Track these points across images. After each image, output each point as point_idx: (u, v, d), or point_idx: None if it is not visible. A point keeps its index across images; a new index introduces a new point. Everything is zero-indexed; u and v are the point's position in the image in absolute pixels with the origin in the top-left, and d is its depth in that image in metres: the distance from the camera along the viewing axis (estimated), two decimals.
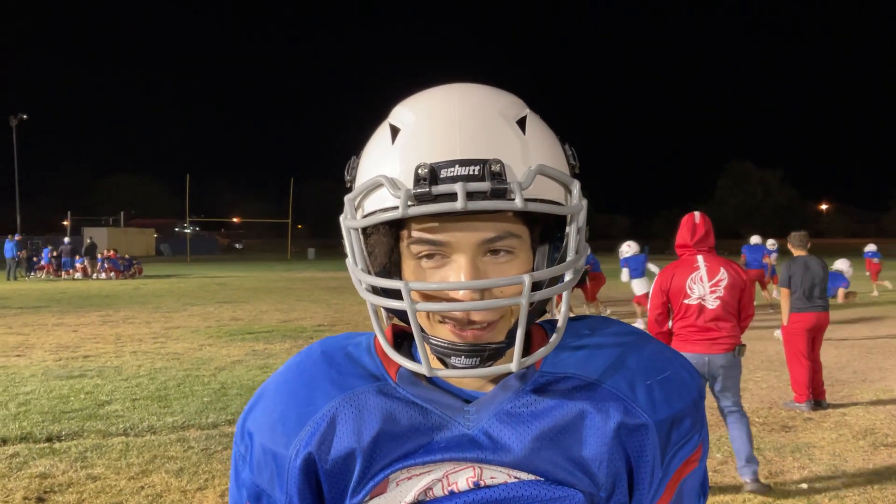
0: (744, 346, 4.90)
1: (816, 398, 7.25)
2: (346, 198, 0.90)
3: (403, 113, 0.90)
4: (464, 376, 0.88)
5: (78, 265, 31.10)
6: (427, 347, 0.90)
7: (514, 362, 0.86)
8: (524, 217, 0.89)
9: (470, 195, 0.81)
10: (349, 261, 0.93)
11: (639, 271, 14.59)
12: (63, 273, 30.72)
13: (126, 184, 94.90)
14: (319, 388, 0.98)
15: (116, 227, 61.27)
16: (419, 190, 0.81)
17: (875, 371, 9.23)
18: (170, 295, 21.06)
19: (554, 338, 0.90)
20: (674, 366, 1.01)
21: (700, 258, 4.93)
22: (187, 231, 63.68)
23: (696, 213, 5.10)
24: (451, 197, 0.81)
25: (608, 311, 16.04)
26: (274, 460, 0.96)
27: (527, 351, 0.97)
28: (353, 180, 0.94)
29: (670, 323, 5.02)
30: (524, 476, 0.92)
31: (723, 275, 4.84)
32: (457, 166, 0.82)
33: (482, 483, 0.92)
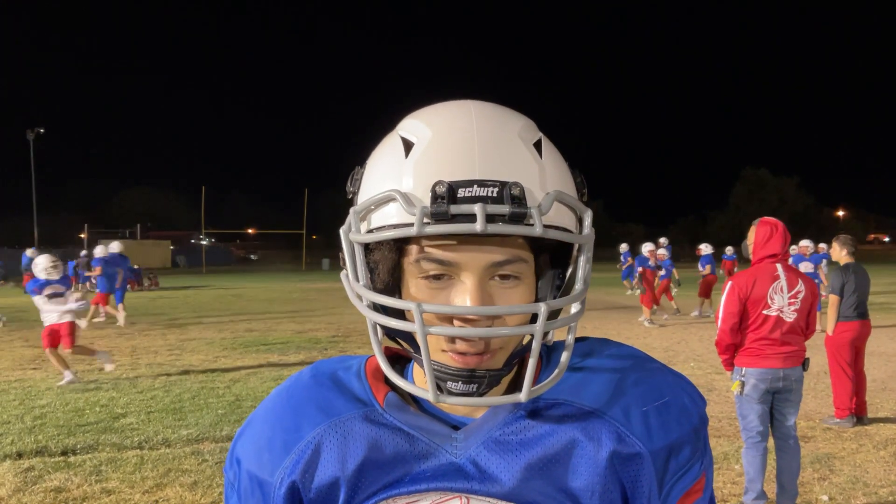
0: (808, 359, 4.77)
1: (858, 414, 7.00)
2: (352, 210, 0.86)
3: (418, 126, 0.87)
4: (469, 404, 0.84)
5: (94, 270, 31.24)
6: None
7: (523, 391, 0.82)
8: (532, 242, 0.87)
9: (489, 217, 0.78)
10: (347, 275, 0.90)
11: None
12: (81, 286, 30.86)
13: (142, 196, 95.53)
14: (306, 414, 0.95)
15: (133, 240, 61.61)
16: (436, 208, 0.78)
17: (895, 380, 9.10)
18: (185, 307, 21.13)
19: (561, 364, 0.87)
20: (674, 391, 0.97)
21: (780, 267, 4.71)
22: (203, 243, 63.98)
23: (777, 220, 4.83)
24: (469, 218, 0.78)
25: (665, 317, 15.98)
26: (260, 488, 0.95)
27: (520, 377, 0.94)
28: (356, 192, 0.90)
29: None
30: None
31: (801, 287, 4.64)
32: (475, 186, 0.79)
33: None
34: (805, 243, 14.47)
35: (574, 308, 0.87)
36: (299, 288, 31.09)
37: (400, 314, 0.86)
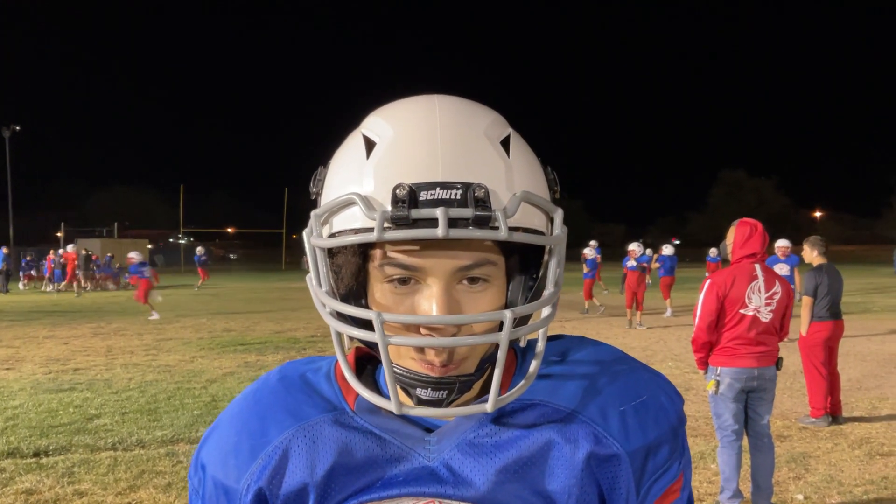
0: (782, 358, 4.81)
1: (834, 413, 7.06)
2: (313, 213, 0.83)
3: (380, 125, 0.83)
4: (435, 416, 0.82)
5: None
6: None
7: (489, 401, 0.80)
8: (502, 244, 0.84)
9: (452, 222, 0.74)
10: (312, 281, 0.86)
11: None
12: (58, 285, 30.52)
13: (120, 195, 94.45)
14: (273, 417, 0.92)
15: (110, 238, 61.02)
16: (397, 213, 0.75)
17: (870, 379, 9.20)
18: (162, 306, 20.93)
19: (530, 373, 0.84)
20: (651, 389, 0.95)
21: (758, 268, 4.75)
22: (181, 242, 63.48)
23: (756, 221, 4.86)
24: (431, 222, 0.75)
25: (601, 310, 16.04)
26: (225, 495, 0.91)
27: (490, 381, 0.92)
28: (319, 193, 0.87)
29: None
30: None
31: (777, 288, 4.69)
32: (438, 189, 0.76)
33: None
34: (783, 243, 14.45)
35: (545, 312, 0.84)
36: (278, 287, 30.99)
37: (367, 323, 0.83)
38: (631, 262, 16.17)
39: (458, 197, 0.76)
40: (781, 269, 12.74)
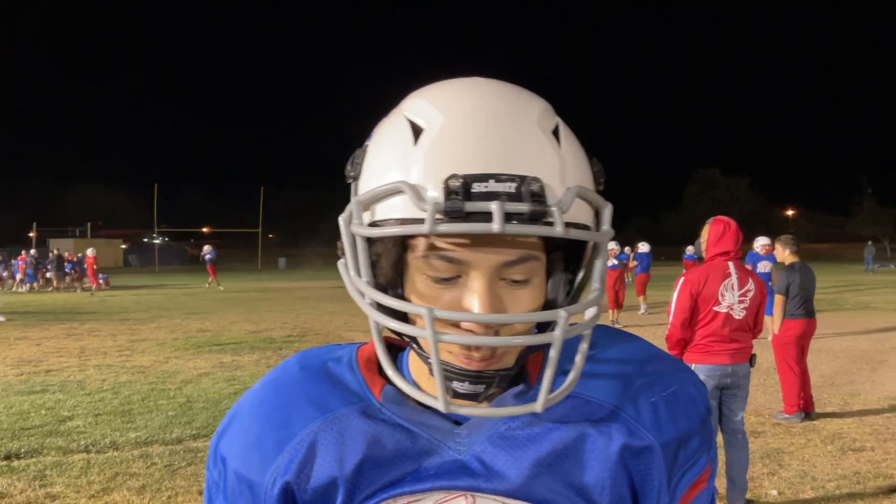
0: (755, 355, 4.85)
1: (806, 409, 7.13)
2: (355, 199, 0.78)
3: (427, 110, 0.79)
4: (482, 415, 0.79)
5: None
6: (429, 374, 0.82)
7: (539, 401, 0.77)
8: (545, 240, 0.81)
9: (506, 216, 0.71)
10: (347, 269, 0.83)
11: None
12: (27, 286, 30.14)
13: (93, 194, 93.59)
14: (297, 409, 0.89)
15: (83, 238, 60.41)
16: (450, 206, 0.71)
17: (842, 376, 9.31)
18: (137, 307, 20.77)
19: (575, 373, 0.81)
20: (680, 380, 0.93)
21: (732, 265, 4.78)
22: (156, 241, 63.00)
23: (730, 219, 4.89)
24: (485, 216, 0.71)
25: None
26: (249, 489, 0.88)
27: (523, 377, 0.91)
28: (357, 176, 0.83)
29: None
30: None
31: (751, 285, 4.73)
32: (492, 181, 0.72)
33: None
34: (764, 241, 14.40)
35: (590, 313, 0.81)
36: (254, 287, 30.81)
37: (403, 313, 0.81)
38: (612, 261, 16.26)
39: (513, 190, 0.72)
40: (765, 266, 12.86)
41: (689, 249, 22.41)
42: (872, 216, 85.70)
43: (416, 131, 0.78)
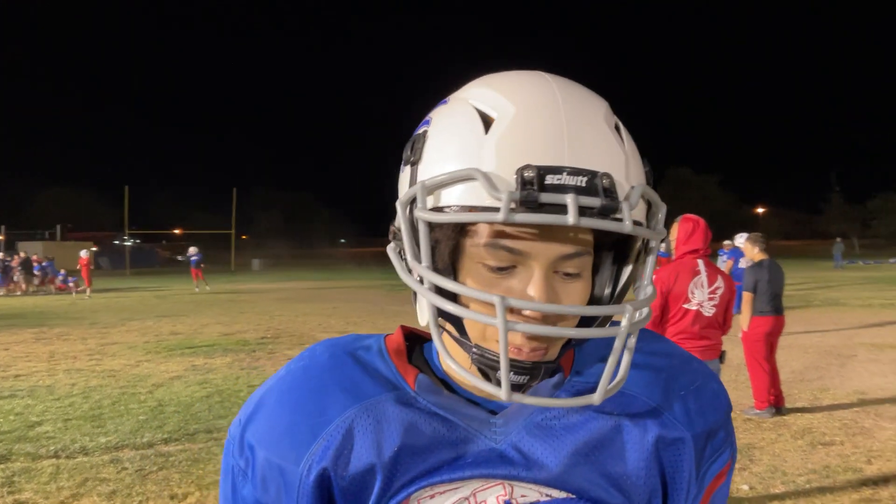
0: (725, 351, 4.89)
1: (777, 405, 7.20)
2: (421, 183, 0.78)
3: (496, 99, 0.79)
4: (543, 405, 0.78)
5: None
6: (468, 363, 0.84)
7: (598, 392, 0.78)
8: (595, 236, 0.82)
9: (580, 210, 0.71)
10: (399, 254, 0.84)
11: None
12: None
13: (62, 196, 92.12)
14: (331, 396, 0.89)
15: (53, 241, 59.60)
16: (526, 196, 0.71)
17: (812, 371, 9.43)
18: (107, 310, 20.50)
19: (626, 362, 0.82)
20: (703, 376, 0.96)
21: (701, 263, 4.81)
22: (127, 244, 62.24)
23: (699, 217, 4.94)
24: (559, 208, 0.71)
25: None
26: (281, 475, 0.87)
27: (557, 369, 0.91)
28: (417, 161, 0.82)
29: None
30: (556, 494, 0.86)
31: (720, 283, 4.77)
32: (565, 174, 0.73)
33: (514, 502, 0.85)
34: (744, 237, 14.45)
35: (644, 310, 0.83)
36: (228, 289, 30.56)
37: (452, 297, 0.81)
38: None
39: (583, 184, 0.73)
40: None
41: (661, 246, 22.53)
42: (841, 213, 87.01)
43: (486, 120, 0.78)
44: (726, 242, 20.32)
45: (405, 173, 0.85)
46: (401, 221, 0.81)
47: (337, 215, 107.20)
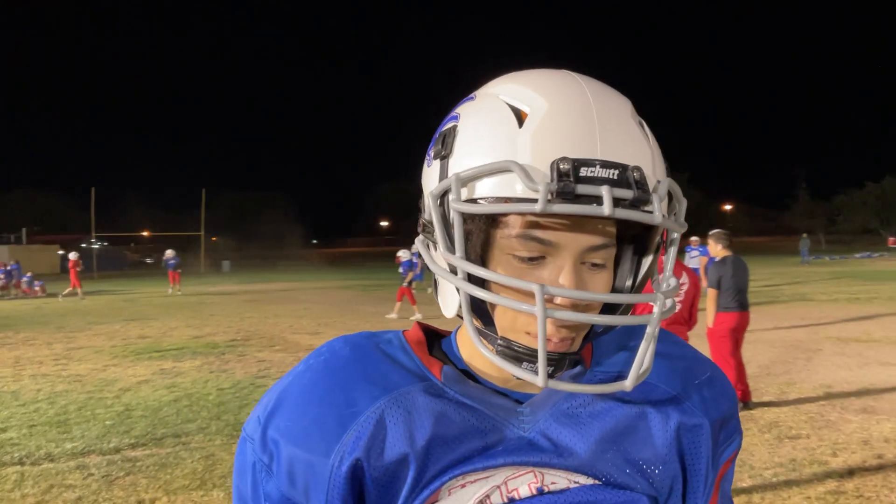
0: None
1: (744, 399, 7.26)
2: (456, 174, 0.79)
3: (528, 95, 0.81)
4: (577, 391, 0.81)
5: None
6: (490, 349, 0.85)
7: (629, 379, 0.81)
8: (619, 228, 0.84)
9: (614, 201, 0.74)
10: (429, 247, 0.86)
11: None
12: None
13: (27, 199, 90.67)
14: (358, 388, 0.89)
15: (18, 245, 58.64)
16: (563, 187, 0.73)
17: (779, 365, 9.55)
18: (74, 314, 20.21)
19: (650, 353, 0.83)
20: (711, 367, 1.00)
21: None
22: (94, 247, 61.42)
23: None
24: (594, 199, 0.74)
25: None
26: (310, 469, 0.86)
27: (578, 360, 0.93)
28: (448, 154, 0.83)
29: None
30: (584, 480, 0.87)
31: (685, 279, 4.80)
32: (598, 167, 0.75)
33: (545, 489, 0.86)
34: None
35: (670, 301, 0.85)
36: (197, 291, 30.24)
37: (481, 284, 0.82)
38: None
39: (615, 177, 0.75)
40: None
41: None
42: (807, 209, 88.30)
43: (518, 115, 0.80)
44: (693, 238, 20.62)
45: (433, 168, 0.86)
46: (432, 213, 0.83)
47: (309, 216, 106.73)
